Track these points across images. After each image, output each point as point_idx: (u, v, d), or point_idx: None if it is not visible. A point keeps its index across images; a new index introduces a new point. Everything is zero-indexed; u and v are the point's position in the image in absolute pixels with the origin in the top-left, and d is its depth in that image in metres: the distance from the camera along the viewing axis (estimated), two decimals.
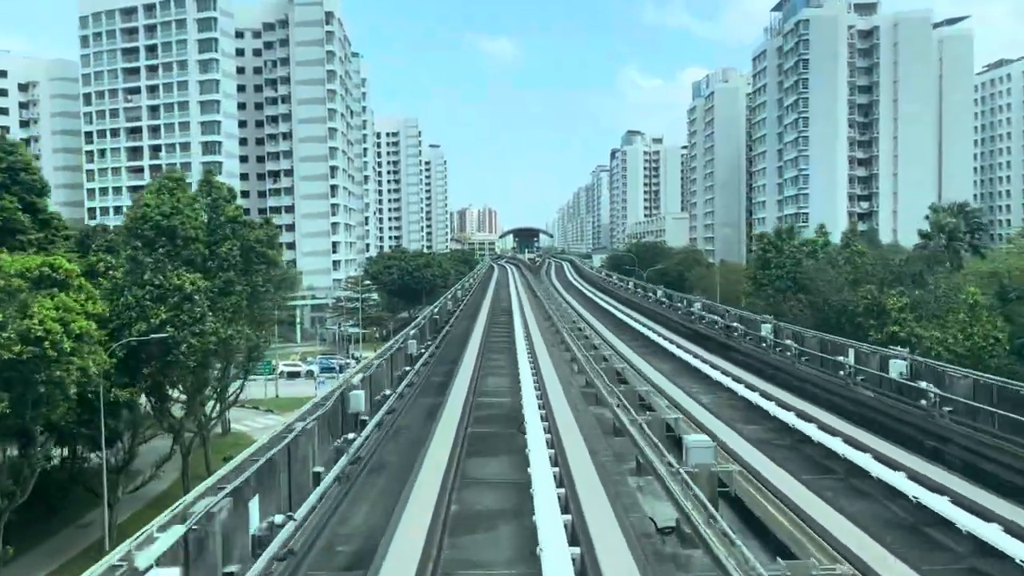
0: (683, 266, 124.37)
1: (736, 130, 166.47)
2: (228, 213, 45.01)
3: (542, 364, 28.25)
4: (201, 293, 33.95)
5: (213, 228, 44.08)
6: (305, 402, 19.72)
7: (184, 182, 48.20)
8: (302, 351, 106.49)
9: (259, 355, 45.35)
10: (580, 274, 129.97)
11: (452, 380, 26.01)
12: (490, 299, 61.27)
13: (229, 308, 40.07)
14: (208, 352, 33.70)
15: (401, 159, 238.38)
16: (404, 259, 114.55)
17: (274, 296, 51.06)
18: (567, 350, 33.03)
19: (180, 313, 32.27)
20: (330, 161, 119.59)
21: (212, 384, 42.42)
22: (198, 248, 40.98)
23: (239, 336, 38.12)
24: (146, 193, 46.25)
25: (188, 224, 41.76)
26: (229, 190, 48.77)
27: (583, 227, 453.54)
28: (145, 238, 40.37)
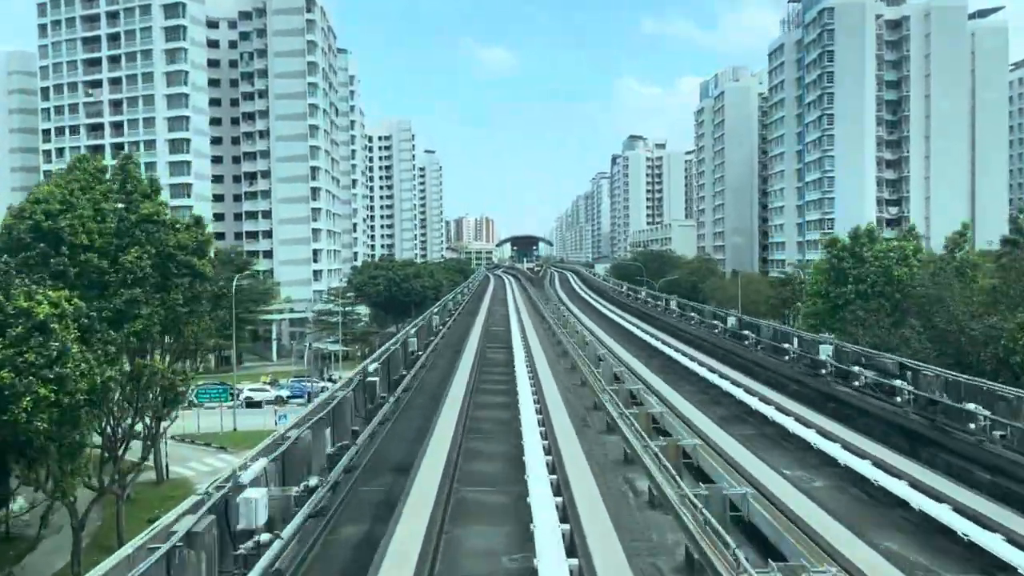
0: (696, 276, 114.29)
1: (748, 132, 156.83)
2: (143, 211, 34.68)
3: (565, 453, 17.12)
4: (66, 319, 23.60)
5: (122, 231, 33.78)
6: (266, 437, 15.16)
7: (104, 170, 37.95)
8: (276, 371, 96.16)
9: (176, 397, 34.74)
10: (587, 284, 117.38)
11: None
12: (481, 326, 45.06)
13: (129, 337, 29.68)
14: (73, 407, 23.16)
15: (394, 164, 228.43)
16: (391, 269, 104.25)
17: (209, 315, 40.48)
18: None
19: (25, 350, 21.98)
20: (311, 161, 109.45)
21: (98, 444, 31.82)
22: (91, 258, 30.61)
23: (121, 379, 27.67)
24: (46, 184, 36.06)
25: (82, 226, 31.41)
26: (151, 181, 38.44)
27: (582, 236, 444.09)
28: (20, 244, 30.06)
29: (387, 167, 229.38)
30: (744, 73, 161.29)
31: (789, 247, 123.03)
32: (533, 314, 54.27)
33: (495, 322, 48.72)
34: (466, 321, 48.24)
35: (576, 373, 28.52)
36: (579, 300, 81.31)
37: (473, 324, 45.82)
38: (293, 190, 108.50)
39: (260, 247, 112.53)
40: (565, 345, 33.17)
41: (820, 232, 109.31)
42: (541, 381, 25.68)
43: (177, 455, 54.38)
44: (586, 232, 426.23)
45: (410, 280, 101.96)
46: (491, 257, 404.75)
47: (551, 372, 28.25)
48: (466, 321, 48.24)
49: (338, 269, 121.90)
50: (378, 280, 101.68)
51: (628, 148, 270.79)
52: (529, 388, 23.24)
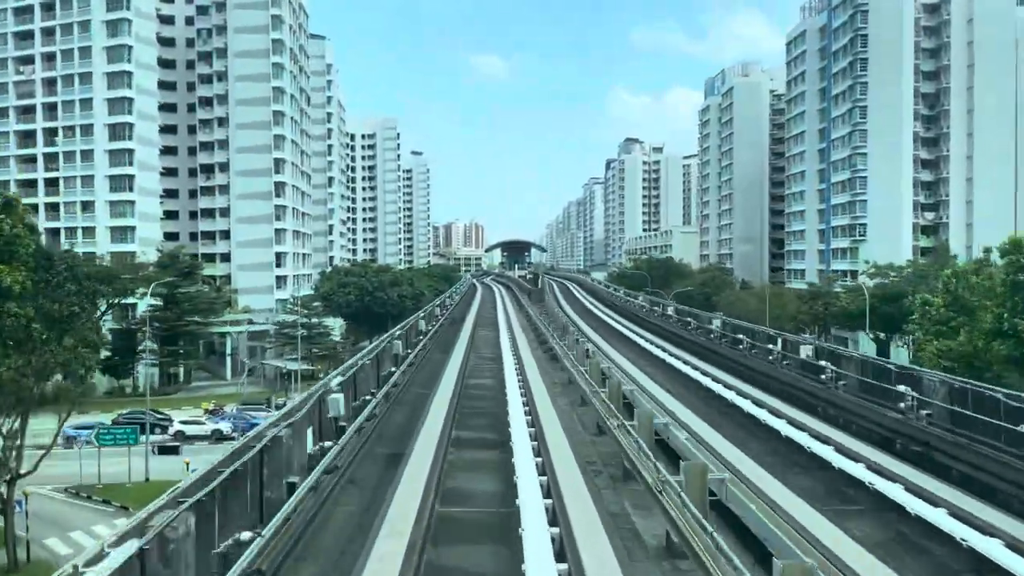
0: (709, 287, 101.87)
1: (758, 131, 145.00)
2: None
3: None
4: None
5: None
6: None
7: None
8: (226, 394, 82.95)
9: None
10: (597, 297, 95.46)
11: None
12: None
13: None
14: None
15: (378, 164, 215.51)
16: (365, 275, 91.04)
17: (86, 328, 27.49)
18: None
19: None
20: (275, 153, 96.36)
21: None
22: None
23: None
24: None
25: None
26: None
27: (573, 242, 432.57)
28: None
29: (371, 167, 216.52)
30: (754, 68, 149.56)
31: (810, 256, 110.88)
32: (538, 351, 36.19)
33: (478, 370, 30.89)
34: (433, 368, 31.12)
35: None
36: (594, 319, 60.83)
37: (439, 378, 28.07)
38: (254, 185, 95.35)
39: (217, 249, 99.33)
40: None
41: (850, 239, 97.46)
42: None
43: (57, 519, 41.08)
44: (578, 239, 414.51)
45: (385, 288, 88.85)
46: (480, 263, 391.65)
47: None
48: (433, 368, 31.12)
49: (308, 275, 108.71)
50: (348, 288, 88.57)
51: (624, 151, 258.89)
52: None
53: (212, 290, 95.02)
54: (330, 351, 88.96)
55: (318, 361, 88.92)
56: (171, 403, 78.18)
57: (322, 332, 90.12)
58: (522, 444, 15.52)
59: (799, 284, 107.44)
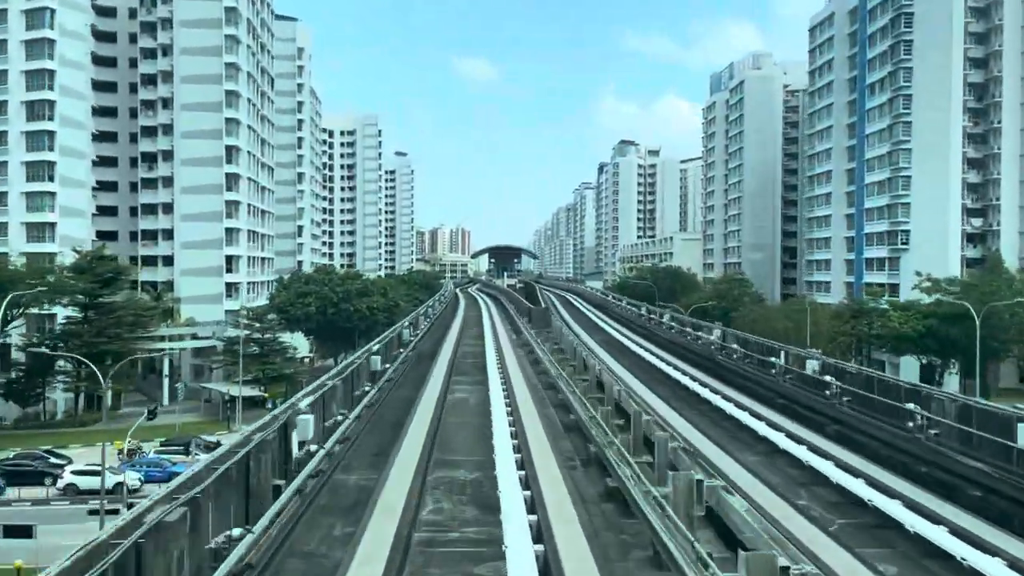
0: (726, 301, 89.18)
1: (771, 130, 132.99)
2: None
3: None
4: None
5: None
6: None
7: None
8: (162, 424, 69.38)
9: None
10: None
11: None
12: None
13: None
14: None
15: (358, 163, 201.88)
16: (329, 283, 77.42)
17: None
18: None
19: None
20: (227, 139, 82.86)
21: None
22: None
23: None
24: None
25: None
26: None
27: (563, 250, 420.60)
28: None
29: (350, 166, 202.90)
30: (766, 61, 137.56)
31: (836, 266, 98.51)
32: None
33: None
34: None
35: None
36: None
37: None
38: (202, 176, 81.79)
39: (160, 251, 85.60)
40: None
41: (889, 248, 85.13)
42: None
43: None
44: (567, 246, 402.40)
45: (352, 299, 75.34)
46: (466, 270, 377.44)
47: None
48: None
49: (268, 282, 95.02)
50: (309, 299, 75.05)
51: (619, 154, 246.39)
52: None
53: (152, 298, 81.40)
54: (288, 373, 75.47)
55: (273, 384, 75.45)
56: (87, 437, 64.32)
57: (278, 349, 76.57)
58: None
59: (823, 298, 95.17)
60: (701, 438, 21.85)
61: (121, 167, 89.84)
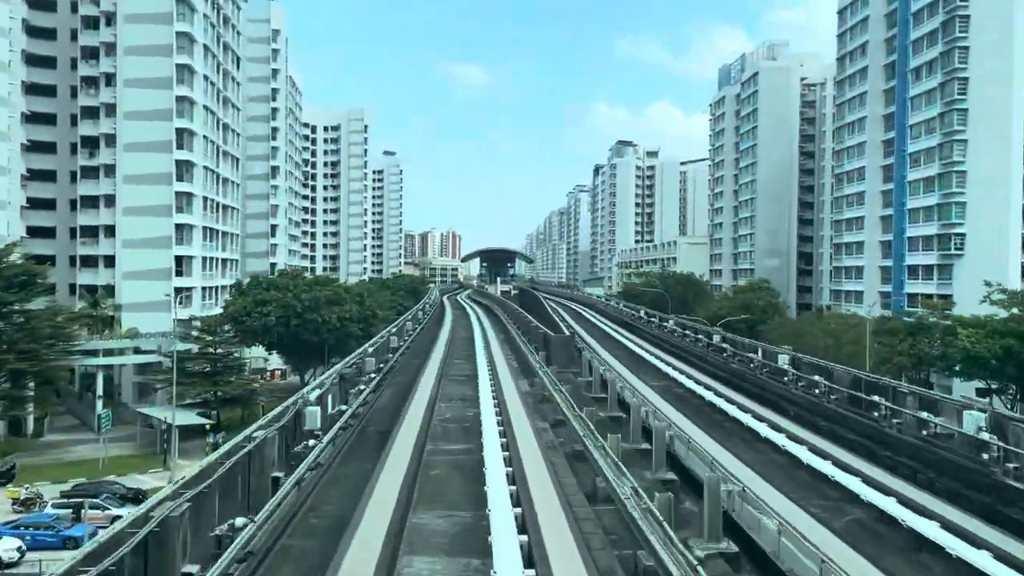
0: (752, 313, 78.32)
1: (787, 126, 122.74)
2: None
3: None
4: None
5: None
6: None
7: None
8: (88, 458, 58.35)
9: None
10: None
11: None
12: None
13: None
14: None
15: (342, 160, 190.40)
16: (293, 289, 65.96)
17: None
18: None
19: None
20: (179, 121, 71.42)
21: None
22: None
23: None
24: None
25: None
26: None
27: (555, 254, 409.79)
28: None
29: (334, 163, 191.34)
30: (782, 51, 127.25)
31: (870, 274, 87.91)
32: None
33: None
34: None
35: None
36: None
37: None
38: (148, 163, 70.37)
39: (101, 250, 74.05)
40: None
41: (940, 254, 74.56)
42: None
43: None
44: (560, 250, 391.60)
45: (320, 308, 63.95)
46: (456, 274, 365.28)
47: None
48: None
49: (230, 287, 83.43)
50: (268, 307, 63.63)
51: (617, 155, 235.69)
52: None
53: (88, 304, 69.92)
54: (243, 393, 64.06)
55: (226, 407, 64.03)
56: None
57: (232, 366, 65.12)
58: None
59: (854, 310, 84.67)
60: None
61: (61, 154, 78.37)
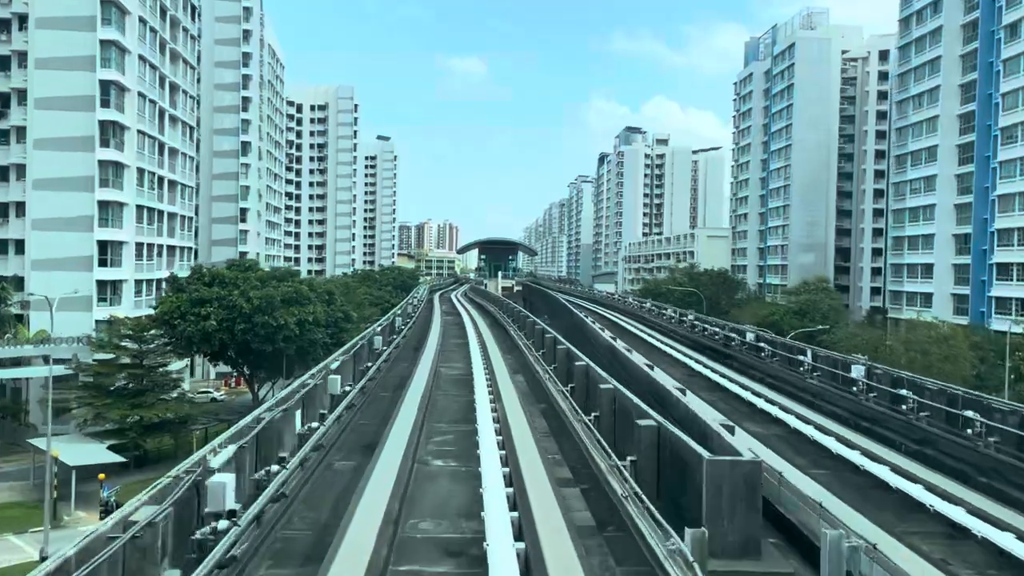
0: (810, 318, 64.33)
1: (825, 106, 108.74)
2: None
3: None
4: None
5: None
6: None
7: None
8: None
9: None
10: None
11: None
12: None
13: None
14: None
15: (329, 141, 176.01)
16: (243, 284, 51.75)
17: None
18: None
19: None
20: (103, 71, 57.10)
21: None
22: None
23: None
24: None
25: None
26: None
27: (555, 248, 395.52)
28: None
29: (321, 146, 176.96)
30: (822, 20, 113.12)
31: (940, 273, 74.11)
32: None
33: None
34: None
35: None
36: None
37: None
38: (64, 124, 56.11)
39: (10, 234, 59.90)
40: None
41: None
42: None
43: None
44: (560, 244, 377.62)
45: (274, 310, 49.80)
46: (453, 267, 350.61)
47: None
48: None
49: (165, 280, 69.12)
50: (208, 308, 49.44)
51: (624, 142, 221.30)
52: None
53: None
54: (175, 418, 49.98)
55: (151, 435, 49.99)
56: None
57: (163, 383, 51.04)
58: None
59: (919, 314, 71.03)
60: None
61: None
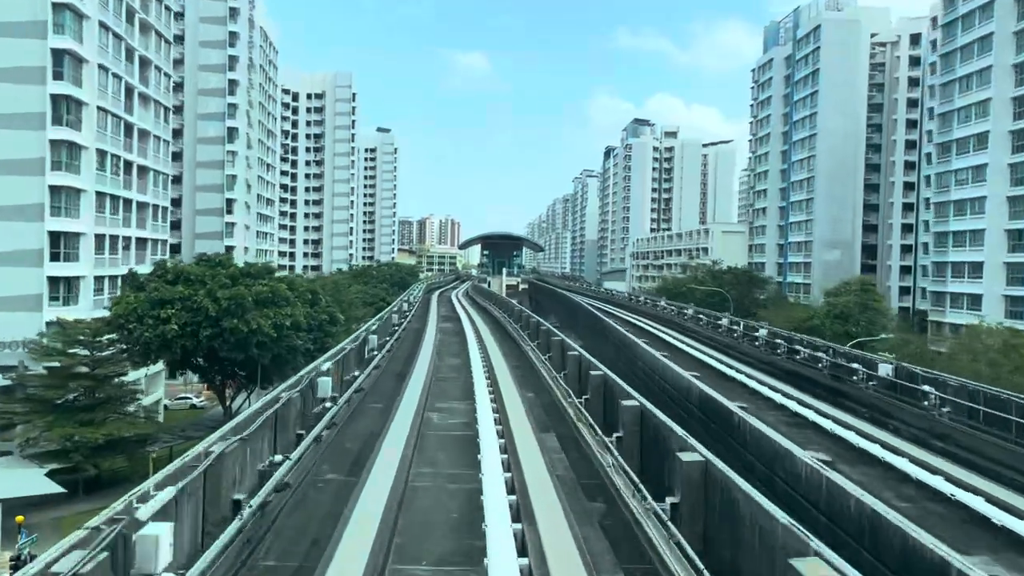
0: (858, 324, 57.27)
1: (853, 92, 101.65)
2: None
3: None
4: None
5: None
6: None
7: None
8: None
9: None
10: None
11: None
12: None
13: None
14: None
15: (326, 132, 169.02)
16: (211, 282, 44.80)
17: None
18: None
19: None
20: (54, 38, 50.14)
21: None
22: None
23: None
24: None
25: None
26: None
27: (559, 244, 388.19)
28: None
29: (317, 136, 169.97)
30: (849, 1, 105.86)
31: (991, 272, 67.06)
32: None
33: None
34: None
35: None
36: None
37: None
38: (10, 99, 49.20)
39: None
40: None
41: None
42: None
43: None
44: (564, 240, 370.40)
45: (245, 313, 42.90)
46: (454, 263, 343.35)
47: None
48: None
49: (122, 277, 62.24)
50: (170, 310, 42.55)
51: (632, 135, 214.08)
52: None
53: None
54: (130, 437, 43.18)
55: (101, 457, 43.22)
56: None
57: (118, 396, 44.21)
58: None
59: (965, 318, 64.25)
60: None
61: None
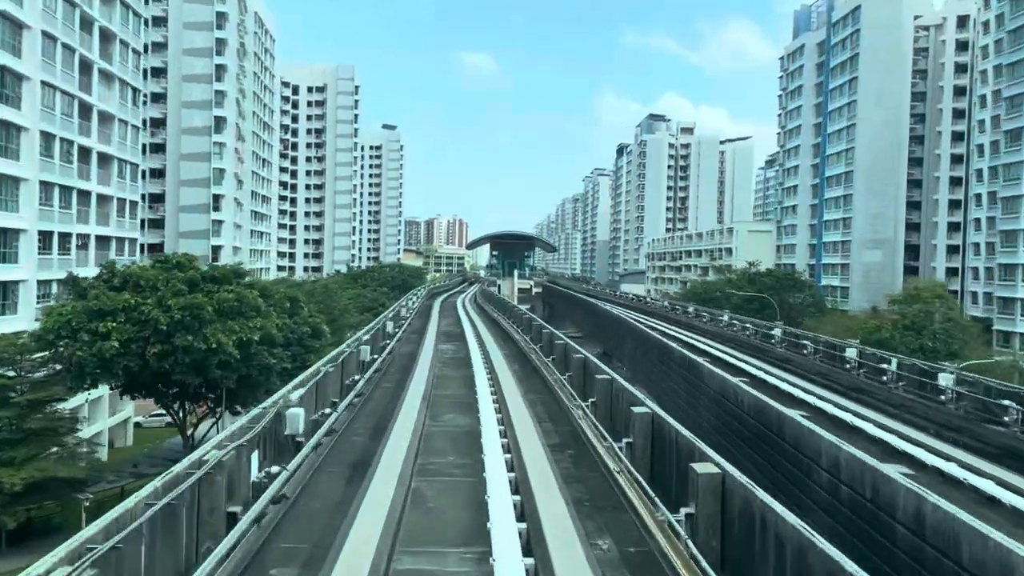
0: (935, 336, 49.02)
1: (896, 78, 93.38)
2: None
3: None
4: None
5: None
6: None
7: None
8: None
9: None
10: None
11: None
12: None
13: None
14: None
15: (328, 127, 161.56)
16: (163, 287, 37.05)
17: None
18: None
19: None
20: None
21: None
22: None
23: None
24: None
25: None
26: None
27: (568, 245, 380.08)
28: None
29: (319, 131, 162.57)
30: None
31: None
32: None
33: None
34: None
35: None
36: None
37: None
38: None
39: None
40: None
41: None
42: None
43: None
44: (574, 240, 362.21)
45: (203, 326, 35.08)
46: (462, 264, 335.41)
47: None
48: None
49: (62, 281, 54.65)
50: (110, 323, 34.75)
51: (647, 131, 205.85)
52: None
53: None
54: (71, 476, 35.34)
55: (17, 505, 35.41)
56: None
57: (52, 428, 36.44)
58: None
59: None
60: None
61: None
